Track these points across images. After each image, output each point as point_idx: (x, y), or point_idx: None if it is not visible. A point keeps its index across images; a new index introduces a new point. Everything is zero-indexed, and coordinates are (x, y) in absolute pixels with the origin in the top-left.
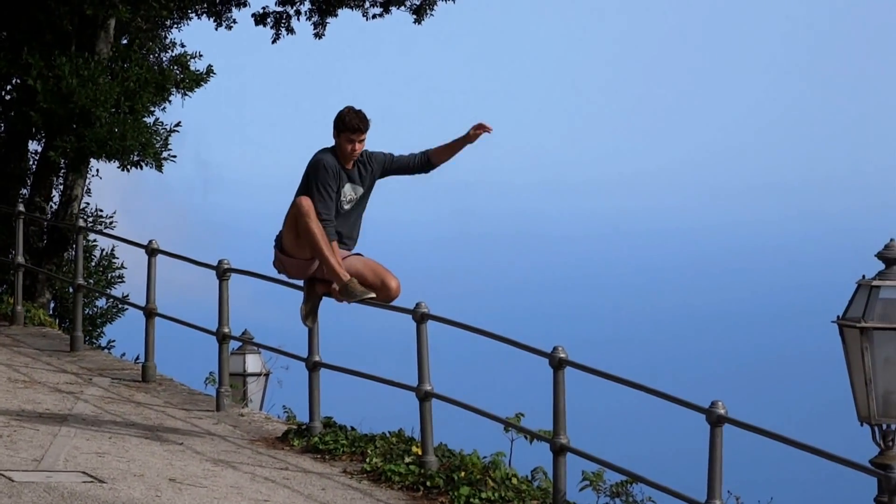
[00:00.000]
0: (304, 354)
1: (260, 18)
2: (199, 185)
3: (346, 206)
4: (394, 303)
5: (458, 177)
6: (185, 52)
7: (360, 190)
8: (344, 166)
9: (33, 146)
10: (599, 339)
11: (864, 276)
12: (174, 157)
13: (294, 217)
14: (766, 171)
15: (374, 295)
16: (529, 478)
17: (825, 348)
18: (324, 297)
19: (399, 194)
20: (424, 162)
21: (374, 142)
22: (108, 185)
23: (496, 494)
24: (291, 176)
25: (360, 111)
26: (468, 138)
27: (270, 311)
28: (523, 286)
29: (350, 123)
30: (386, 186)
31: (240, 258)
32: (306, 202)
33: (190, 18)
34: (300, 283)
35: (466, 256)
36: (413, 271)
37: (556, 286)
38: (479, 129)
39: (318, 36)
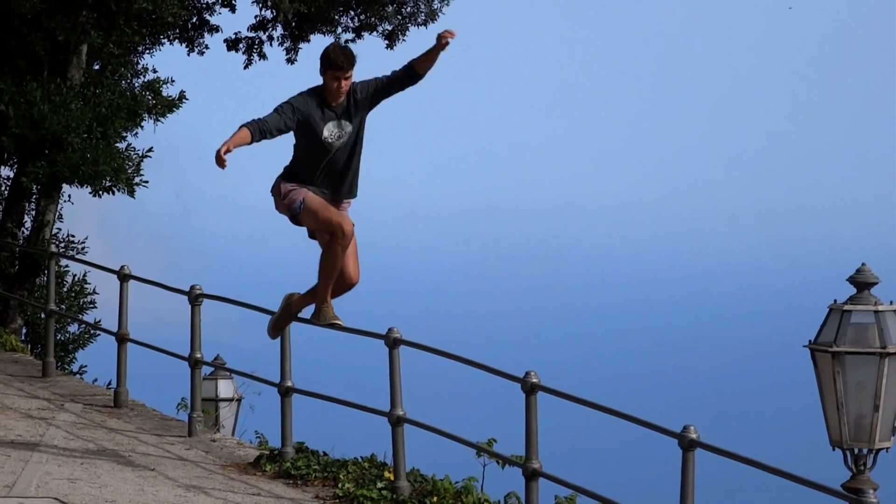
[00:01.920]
0: (277, 380)
1: (232, 44)
2: (178, 210)
3: (336, 143)
4: (367, 329)
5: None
6: (158, 77)
7: (349, 126)
8: (331, 104)
9: (5, 171)
10: (572, 363)
11: (835, 301)
12: (146, 182)
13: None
14: (737, 198)
15: (341, 323)
16: (502, 503)
17: (797, 372)
18: (295, 319)
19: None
20: (410, 72)
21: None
22: (85, 211)
23: None
24: (268, 200)
25: (345, 47)
26: (439, 45)
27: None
28: (497, 311)
29: (335, 61)
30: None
31: (219, 282)
32: (344, 227)
33: (162, 44)
34: (273, 307)
35: (441, 282)
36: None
37: (528, 311)
38: (445, 34)
39: (290, 61)
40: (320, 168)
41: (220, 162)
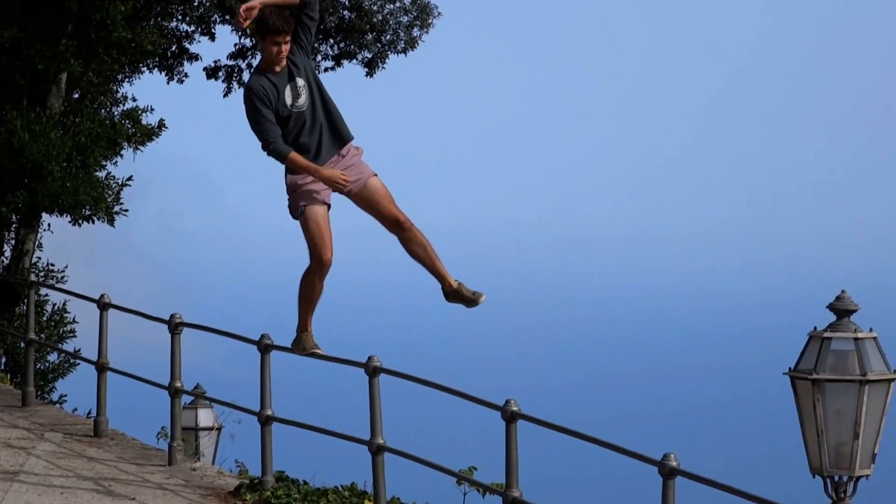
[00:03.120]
0: (257, 408)
1: (212, 72)
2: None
3: (300, 105)
4: (345, 356)
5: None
6: (137, 106)
7: (302, 81)
8: (276, 71)
9: None
10: (552, 390)
11: (815, 328)
12: (126, 211)
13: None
14: (718, 223)
15: (321, 351)
16: None
17: (777, 400)
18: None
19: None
20: (302, 10)
21: None
22: (68, 240)
23: None
24: (249, 229)
25: (281, 11)
26: (265, 9)
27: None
28: (477, 338)
29: (273, 25)
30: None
31: (203, 310)
32: (322, 260)
33: (142, 72)
34: (254, 336)
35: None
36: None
37: (509, 339)
38: (245, 21)
39: None
40: (302, 134)
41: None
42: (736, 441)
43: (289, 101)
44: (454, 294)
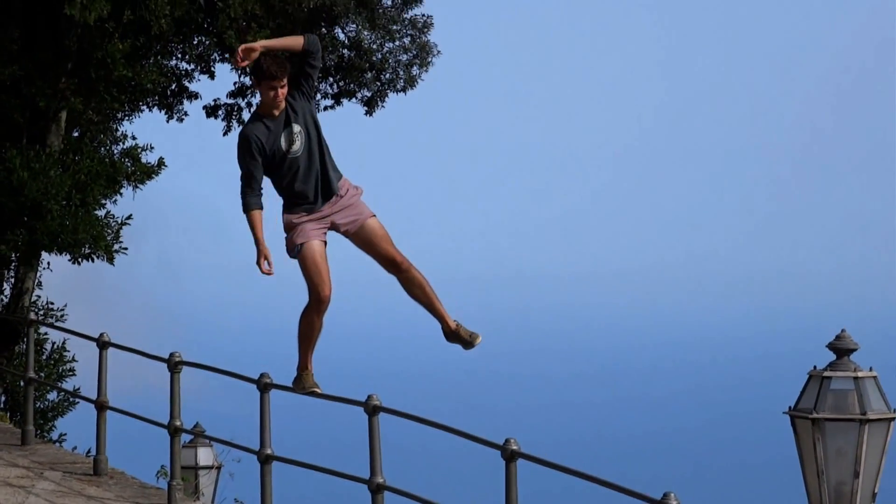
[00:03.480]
0: (256, 447)
1: (211, 110)
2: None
3: (295, 150)
4: (345, 395)
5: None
6: (137, 144)
7: (298, 127)
8: (273, 116)
9: None
10: (554, 430)
11: (815, 367)
12: (125, 249)
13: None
14: (718, 260)
15: (320, 390)
16: None
17: (777, 439)
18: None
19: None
20: (303, 58)
21: None
22: (68, 278)
23: None
24: (251, 271)
25: (277, 56)
26: (268, 52)
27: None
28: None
29: (268, 71)
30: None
31: (204, 348)
32: (320, 296)
33: (141, 111)
34: (253, 374)
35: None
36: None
37: (510, 378)
38: (242, 61)
39: None
40: (297, 181)
41: (267, 272)
42: (736, 480)
43: (284, 146)
44: (453, 334)
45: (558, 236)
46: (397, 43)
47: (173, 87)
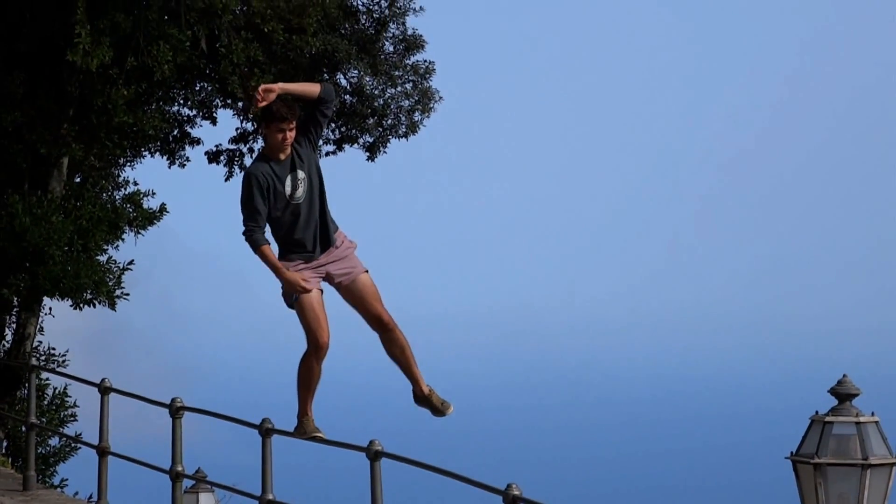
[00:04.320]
0: (258, 492)
1: (213, 156)
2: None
3: (298, 196)
4: (346, 440)
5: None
6: (139, 189)
7: (303, 174)
8: (279, 160)
9: None
10: (557, 475)
11: (817, 412)
12: (127, 295)
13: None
14: (719, 307)
15: (322, 435)
16: None
17: (779, 484)
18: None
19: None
20: (317, 105)
21: None
22: (71, 324)
23: None
24: (251, 317)
25: (286, 98)
26: (286, 96)
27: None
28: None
29: (278, 113)
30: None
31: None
32: (319, 343)
33: (143, 157)
34: (255, 420)
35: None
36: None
37: (515, 424)
38: (260, 102)
39: None
40: (297, 230)
41: (306, 288)
42: None
43: (287, 191)
44: (424, 399)
45: (563, 279)
46: (399, 89)
47: (175, 132)
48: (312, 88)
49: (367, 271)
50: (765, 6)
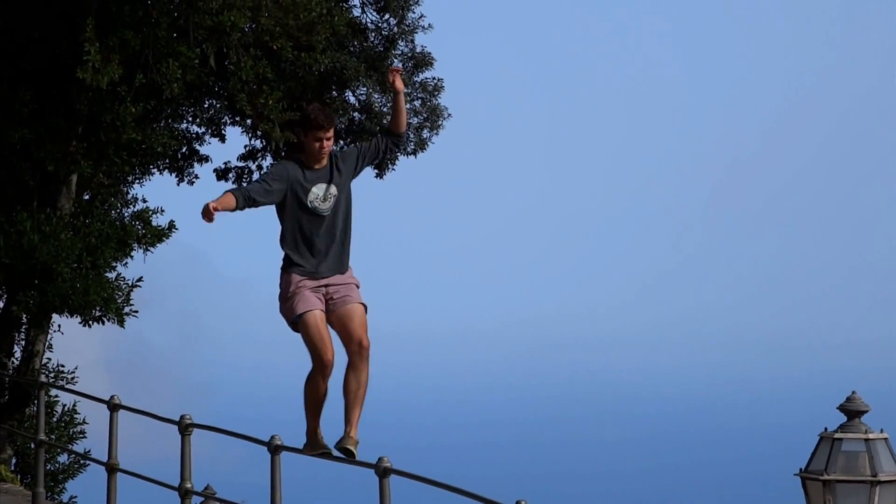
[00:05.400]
0: None
1: (222, 173)
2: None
3: (324, 209)
4: (358, 458)
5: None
6: (147, 207)
7: (334, 189)
8: (313, 167)
9: None
10: (565, 489)
11: (826, 429)
12: (136, 312)
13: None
14: (728, 322)
15: (332, 451)
16: None
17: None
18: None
19: None
20: (389, 135)
21: None
22: (84, 342)
23: None
24: (263, 328)
25: (324, 107)
26: (394, 91)
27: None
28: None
29: (316, 120)
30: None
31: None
32: (323, 361)
33: (152, 174)
34: (264, 437)
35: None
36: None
37: (523, 439)
38: (392, 75)
39: None
40: (308, 237)
41: (208, 215)
42: None
43: (312, 196)
44: (342, 446)
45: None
46: (408, 106)
47: (184, 150)
48: (405, 122)
49: (362, 304)
50: (768, 7)
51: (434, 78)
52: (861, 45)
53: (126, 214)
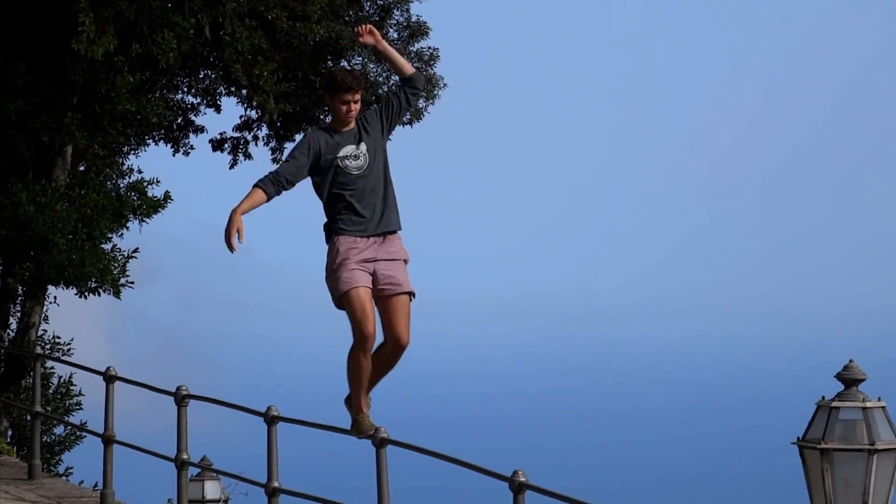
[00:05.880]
0: (264, 480)
1: (217, 144)
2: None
3: (355, 168)
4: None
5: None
6: (143, 178)
7: (365, 147)
8: (341, 130)
9: None
10: (564, 462)
11: (823, 398)
12: (132, 283)
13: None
14: (724, 294)
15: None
16: None
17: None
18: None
19: None
20: (403, 84)
21: None
22: (83, 312)
23: None
24: (261, 296)
25: (351, 69)
26: (372, 47)
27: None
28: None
29: (343, 82)
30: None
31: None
32: (364, 334)
33: (147, 145)
34: (261, 408)
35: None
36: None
37: (522, 412)
38: (358, 36)
39: (275, 161)
40: (348, 201)
41: (230, 242)
42: None
43: (343, 155)
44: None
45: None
46: None
47: (179, 120)
48: (406, 65)
49: (411, 294)
50: None
51: (430, 47)
52: None
53: (121, 185)
